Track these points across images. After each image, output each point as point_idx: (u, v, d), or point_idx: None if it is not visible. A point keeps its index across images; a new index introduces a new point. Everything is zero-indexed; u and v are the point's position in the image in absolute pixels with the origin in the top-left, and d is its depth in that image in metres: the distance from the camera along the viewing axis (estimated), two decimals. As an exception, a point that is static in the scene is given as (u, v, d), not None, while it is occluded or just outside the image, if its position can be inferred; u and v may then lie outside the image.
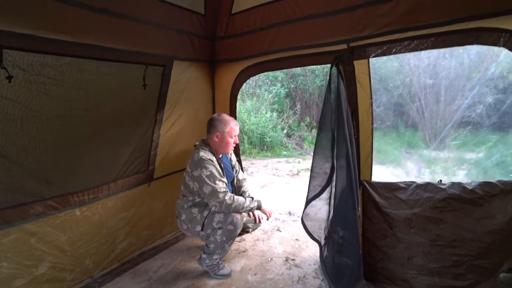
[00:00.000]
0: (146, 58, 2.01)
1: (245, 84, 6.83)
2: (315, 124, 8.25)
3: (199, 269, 2.17)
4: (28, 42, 1.41)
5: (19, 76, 1.43)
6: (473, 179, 1.83)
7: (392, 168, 4.40)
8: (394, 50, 1.74)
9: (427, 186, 1.79)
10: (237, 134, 2.12)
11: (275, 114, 7.77)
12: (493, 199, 1.62)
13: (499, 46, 1.52)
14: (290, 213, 3.27)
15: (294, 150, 7.12)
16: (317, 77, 8.28)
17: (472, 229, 1.66)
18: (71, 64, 1.63)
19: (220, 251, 2.01)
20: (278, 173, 5.24)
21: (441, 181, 1.77)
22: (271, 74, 8.29)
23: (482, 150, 3.06)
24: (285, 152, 6.95)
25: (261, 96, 8.13)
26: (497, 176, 1.75)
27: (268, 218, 2.20)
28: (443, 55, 3.75)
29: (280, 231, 2.82)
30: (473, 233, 1.66)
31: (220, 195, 1.90)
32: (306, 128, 7.90)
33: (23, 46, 1.40)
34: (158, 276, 2.11)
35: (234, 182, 2.32)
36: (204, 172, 1.91)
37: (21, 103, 1.48)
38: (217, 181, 1.91)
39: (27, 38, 1.40)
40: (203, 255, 2.08)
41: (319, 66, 7.82)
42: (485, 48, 2.73)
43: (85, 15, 1.60)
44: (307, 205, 1.86)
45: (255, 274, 2.13)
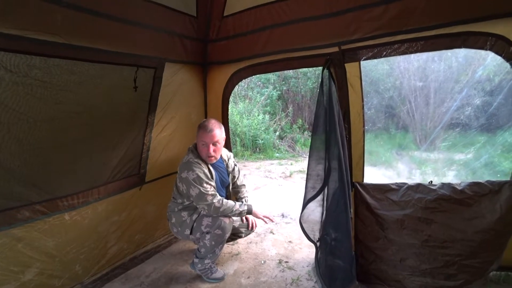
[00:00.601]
0: (137, 60, 1.99)
1: (237, 86, 6.84)
2: (307, 126, 8.29)
3: (192, 273, 2.14)
4: (15, 43, 1.37)
5: (5, 77, 1.39)
6: (462, 179, 1.86)
7: (384, 169, 4.45)
8: (384, 53, 1.77)
9: (418, 187, 1.81)
10: (208, 142, 1.94)
11: (267, 116, 7.76)
12: (482, 199, 1.65)
13: (486, 49, 1.56)
14: (283, 215, 3.26)
15: (286, 152, 7.13)
16: (309, 79, 8.33)
17: (462, 229, 1.69)
18: (60, 66, 1.60)
19: (211, 255, 1.99)
20: (270, 175, 5.24)
21: (431, 182, 1.80)
22: (263, 76, 8.31)
23: (471, 151, 3.12)
24: (277, 154, 6.96)
25: (253, 98, 8.13)
26: (485, 177, 1.78)
27: (266, 222, 2.18)
28: (432, 58, 3.82)
29: (273, 234, 2.81)
30: (464, 233, 1.68)
31: (208, 198, 1.88)
32: (298, 130, 7.92)
33: (10, 47, 1.37)
34: (150, 280, 2.08)
35: (229, 187, 2.27)
36: (191, 175, 1.90)
37: (8, 105, 1.44)
38: (204, 184, 1.89)
39: (14, 39, 1.36)
40: (195, 260, 2.06)
41: (311, 69, 7.88)
42: (472, 51, 2.80)
43: (75, 16, 1.57)
44: (305, 206, 1.86)
45: (248, 277, 2.12)
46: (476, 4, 1.52)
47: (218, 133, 1.98)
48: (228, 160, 2.26)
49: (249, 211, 2.05)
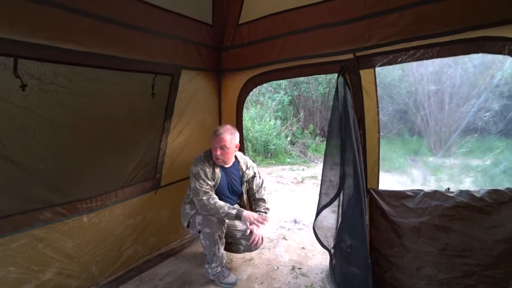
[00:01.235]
0: (155, 67, 2.05)
1: (249, 92, 6.87)
2: (319, 132, 8.25)
3: (205, 277, 2.15)
4: (43, 52, 1.45)
5: (32, 85, 1.47)
6: (480, 186, 1.82)
7: (398, 176, 4.37)
8: (399, 59, 1.76)
9: (434, 194, 1.78)
10: (216, 145, 2.00)
11: (278, 122, 7.78)
12: (502, 207, 1.60)
13: (504, 54, 1.53)
14: (295, 221, 3.25)
15: (298, 158, 7.11)
16: (320, 84, 8.32)
17: (481, 238, 1.64)
18: (82, 73, 1.67)
19: (214, 258, 2.01)
20: (282, 180, 5.23)
21: (449, 189, 1.76)
22: (274, 82, 8.35)
23: (490, 157, 3.04)
24: (289, 160, 6.95)
25: (264, 104, 8.16)
26: (505, 184, 1.73)
27: (258, 226, 2.01)
28: (447, 63, 3.76)
29: (286, 240, 2.80)
30: (483, 242, 1.64)
31: (200, 194, 1.96)
32: (309, 135, 7.89)
33: (38, 55, 1.45)
34: (164, 284, 2.10)
35: (242, 196, 2.26)
36: (194, 170, 2.03)
37: (34, 111, 1.52)
38: (200, 180, 1.98)
39: (41, 48, 1.44)
40: (206, 265, 2.10)
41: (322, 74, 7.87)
42: (490, 56, 2.75)
43: (97, 26, 1.64)
44: (319, 213, 1.85)
45: (261, 283, 2.11)
46: (492, 8, 1.49)
47: (228, 138, 2.01)
48: (245, 169, 2.24)
49: (238, 216, 1.94)
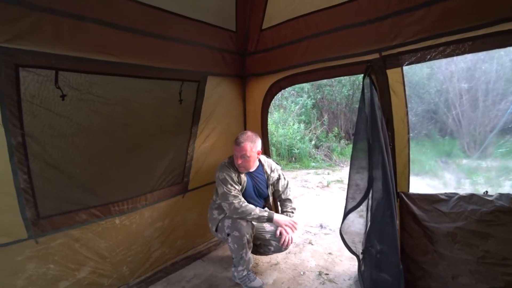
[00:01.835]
0: (182, 74, 2.13)
1: (271, 96, 6.90)
2: (344, 135, 8.08)
3: (231, 280, 2.17)
4: (80, 64, 1.56)
5: (71, 94, 1.58)
6: (522, 190, 1.69)
7: (428, 179, 4.17)
8: (428, 57, 1.69)
9: (471, 197, 1.68)
10: (237, 154, 2.04)
11: (302, 125, 7.72)
12: (549, 212, 1.48)
13: None
14: (321, 226, 3.19)
15: (323, 162, 7.00)
16: (344, 86, 8.17)
17: (526, 246, 1.52)
18: (115, 83, 1.77)
19: (241, 261, 2.01)
20: (307, 185, 5.17)
21: (487, 192, 1.66)
22: (297, 85, 8.32)
23: (532, 159, 2.81)
24: (313, 164, 6.86)
25: (288, 108, 8.14)
26: (551, 187, 1.60)
27: (287, 232, 2.03)
28: (482, 58, 3.55)
29: (312, 244, 2.76)
30: (528, 250, 1.52)
31: (230, 198, 1.98)
32: (334, 138, 7.76)
33: (76, 67, 1.56)
34: (191, 286, 2.14)
35: (268, 199, 2.29)
36: (220, 175, 2.06)
37: (72, 119, 1.63)
38: (228, 185, 2.02)
39: (79, 61, 1.55)
40: (232, 269, 2.11)
41: (346, 76, 7.73)
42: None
43: (128, 37, 1.74)
44: (345, 217, 1.81)
45: (287, 288, 2.09)
46: None
47: (248, 147, 2.02)
48: (270, 172, 2.26)
49: (270, 218, 2.01)
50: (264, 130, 2.71)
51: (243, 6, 2.41)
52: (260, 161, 2.24)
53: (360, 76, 1.86)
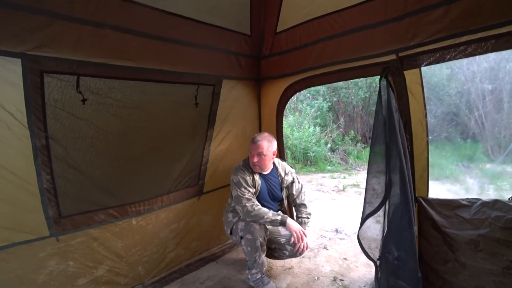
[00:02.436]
0: (198, 78, 2.16)
1: (286, 99, 6.89)
2: (360, 138, 7.93)
3: (245, 283, 2.16)
4: (100, 69, 1.62)
5: (91, 99, 1.64)
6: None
7: (449, 184, 4.01)
8: (448, 56, 1.63)
9: (495, 203, 1.60)
10: (253, 152, 2.05)
11: (318, 129, 7.62)
12: None
13: None
14: (337, 231, 3.13)
15: (339, 165, 6.88)
16: (360, 89, 8.02)
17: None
18: (133, 87, 1.82)
19: (255, 264, 2.00)
20: (323, 188, 5.09)
21: (512, 198, 1.57)
22: (312, 88, 8.21)
23: None
24: (329, 167, 6.75)
25: (303, 111, 8.05)
26: None
27: (296, 241, 1.97)
28: (506, 57, 3.39)
29: (327, 249, 2.71)
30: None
31: (243, 201, 1.98)
32: (350, 142, 7.61)
33: (96, 73, 1.62)
34: (205, 287, 2.15)
35: (283, 202, 2.29)
36: (234, 178, 2.06)
37: (92, 122, 1.69)
38: (242, 188, 2.02)
39: (99, 66, 1.61)
40: (246, 271, 2.11)
41: (362, 78, 7.60)
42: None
43: (146, 43, 1.79)
44: (363, 222, 1.77)
45: (301, 293, 2.06)
46: None
47: (265, 145, 2.05)
48: (284, 175, 2.26)
49: (283, 222, 1.96)
50: (279, 133, 2.71)
51: (257, 10, 2.43)
52: (274, 164, 2.24)
53: (377, 78, 1.82)
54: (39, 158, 1.52)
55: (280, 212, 2.18)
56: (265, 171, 2.17)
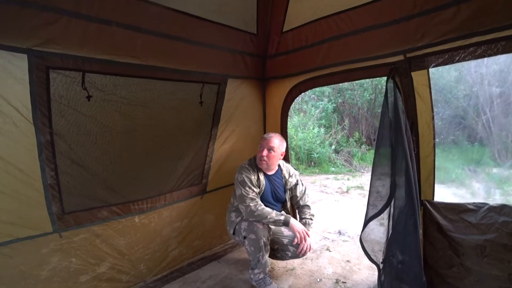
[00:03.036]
0: (203, 77, 2.16)
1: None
2: (365, 140, 7.90)
3: (247, 283, 2.16)
4: (105, 66, 1.62)
5: (96, 95, 1.64)
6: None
7: (455, 188, 3.96)
8: (457, 58, 1.61)
9: (502, 208, 1.57)
10: (264, 146, 2.06)
11: (322, 130, 7.60)
12: None
13: None
14: (340, 233, 3.11)
15: (343, 167, 6.85)
16: (366, 90, 7.97)
17: None
18: (138, 85, 1.82)
19: (258, 264, 2.00)
20: (326, 190, 5.07)
21: (520, 203, 1.54)
22: (317, 89, 8.20)
23: None
24: (333, 169, 6.73)
25: (308, 112, 8.04)
26: None
27: (298, 241, 1.98)
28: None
29: (330, 251, 2.69)
30: None
31: (247, 200, 1.98)
32: (355, 143, 7.59)
33: (101, 69, 1.62)
34: (206, 286, 2.14)
35: (286, 204, 2.28)
36: (239, 177, 2.06)
37: (97, 119, 1.69)
38: (246, 187, 2.01)
39: (104, 63, 1.61)
40: (249, 271, 2.10)
41: (367, 79, 7.55)
42: None
43: (152, 41, 1.79)
44: (366, 224, 1.75)
45: (303, 294, 2.05)
46: None
47: (276, 142, 2.08)
48: (288, 177, 2.26)
49: (286, 222, 1.97)
50: (283, 134, 2.68)
51: (264, 9, 2.42)
52: (279, 165, 2.24)
53: (383, 80, 1.80)
54: (43, 154, 1.52)
55: (283, 212, 2.17)
56: (271, 170, 2.17)
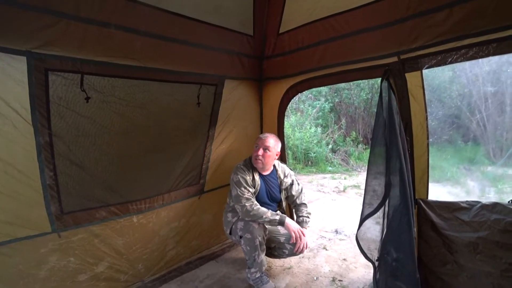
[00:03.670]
0: (200, 78, 2.17)
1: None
2: (361, 139, 7.94)
3: (244, 282, 2.18)
4: (104, 68, 1.64)
5: (95, 97, 1.66)
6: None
7: (450, 186, 4.01)
8: (449, 59, 1.64)
9: (494, 206, 1.60)
10: (260, 145, 2.10)
11: (319, 129, 7.63)
12: None
13: None
14: (336, 231, 3.14)
15: (340, 166, 6.89)
16: (363, 90, 8.02)
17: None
18: (136, 86, 1.83)
19: (254, 263, 2.02)
20: (323, 189, 5.10)
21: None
22: (314, 89, 8.23)
23: None
24: (330, 168, 6.77)
25: (305, 111, 8.06)
26: None
27: (294, 240, 1.99)
28: (509, 60, 3.39)
29: (327, 250, 2.72)
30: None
31: (243, 200, 2.00)
32: (352, 143, 7.63)
33: (100, 71, 1.63)
34: (204, 286, 2.16)
35: (281, 203, 2.30)
36: (234, 178, 2.08)
37: (95, 120, 1.71)
38: (242, 188, 2.03)
39: (103, 65, 1.62)
40: (246, 270, 2.12)
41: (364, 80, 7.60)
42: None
43: (150, 43, 1.80)
44: (362, 223, 1.77)
45: (300, 292, 2.07)
46: None
47: (272, 141, 2.11)
48: (283, 177, 2.28)
49: (281, 222, 1.99)
50: (280, 134, 2.71)
51: (260, 11, 2.43)
52: (274, 165, 2.26)
53: (379, 80, 1.83)
54: (42, 155, 1.53)
55: (278, 212, 2.19)
56: (266, 170, 2.19)
